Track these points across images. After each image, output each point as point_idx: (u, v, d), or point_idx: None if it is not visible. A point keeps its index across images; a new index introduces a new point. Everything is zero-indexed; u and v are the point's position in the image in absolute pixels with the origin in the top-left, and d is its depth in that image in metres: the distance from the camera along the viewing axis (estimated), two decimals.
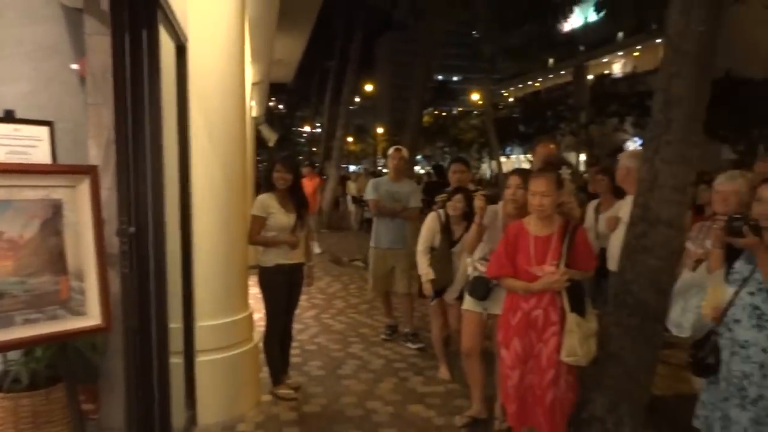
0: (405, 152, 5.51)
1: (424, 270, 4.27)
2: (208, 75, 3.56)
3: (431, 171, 15.57)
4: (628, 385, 3.39)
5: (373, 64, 67.86)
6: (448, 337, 5.15)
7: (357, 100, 43.09)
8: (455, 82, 75.93)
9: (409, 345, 5.22)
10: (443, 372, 4.47)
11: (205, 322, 3.56)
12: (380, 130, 51.67)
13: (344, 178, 18.10)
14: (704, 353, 2.67)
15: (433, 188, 6.13)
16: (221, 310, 3.66)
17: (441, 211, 4.39)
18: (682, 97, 3.16)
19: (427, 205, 5.38)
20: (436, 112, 43.66)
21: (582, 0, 13.77)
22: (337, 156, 17.43)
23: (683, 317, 2.76)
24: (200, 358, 3.52)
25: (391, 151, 5.56)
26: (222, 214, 3.65)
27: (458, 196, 4.28)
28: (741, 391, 2.53)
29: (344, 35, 19.09)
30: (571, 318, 2.77)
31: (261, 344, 4.06)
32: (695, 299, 2.71)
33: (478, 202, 3.47)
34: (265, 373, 4.10)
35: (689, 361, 2.78)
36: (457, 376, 4.28)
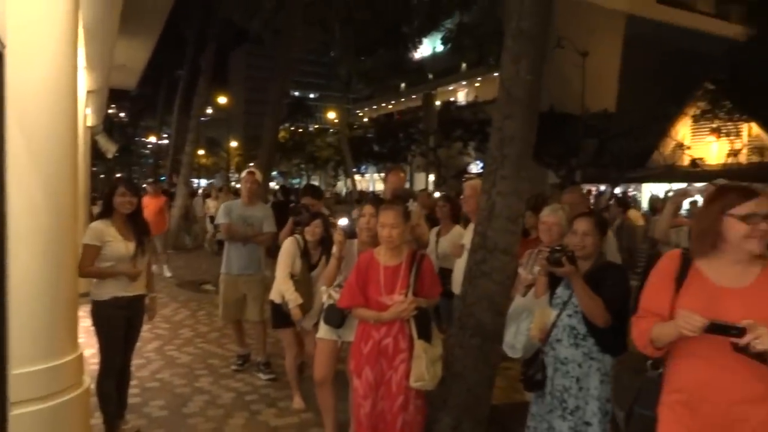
0: (258, 175, 5.39)
1: (292, 295, 4.18)
2: (31, 84, 3.15)
3: (278, 191, 15.28)
4: (471, 402, 3.63)
5: (228, 76, 65.62)
6: (302, 364, 5.08)
7: (209, 111, 41.30)
8: (312, 99, 76.41)
9: (261, 375, 5.05)
10: (297, 402, 4.40)
11: (22, 369, 3.09)
12: (234, 144, 50.05)
13: (206, 195, 17.05)
14: (533, 370, 2.96)
15: (280, 208, 6.08)
16: (43, 352, 3.21)
17: (299, 236, 4.35)
18: (515, 136, 3.52)
19: (278, 225, 5.28)
20: (292, 128, 43.49)
21: (430, 32, 14.73)
22: (186, 171, 16.49)
23: (516, 339, 3.04)
24: (16, 412, 3.05)
25: (243, 174, 5.40)
26: (44, 239, 3.21)
27: (317, 222, 4.28)
28: (562, 403, 2.84)
29: (196, 44, 18.23)
30: (419, 345, 2.90)
31: (93, 386, 3.65)
32: (526, 322, 3.00)
33: (337, 236, 3.51)
34: (98, 418, 3.69)
35: (521, 378, 3.07)
36: (312, 404, 4.24)
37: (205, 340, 6.23)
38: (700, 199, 4.30)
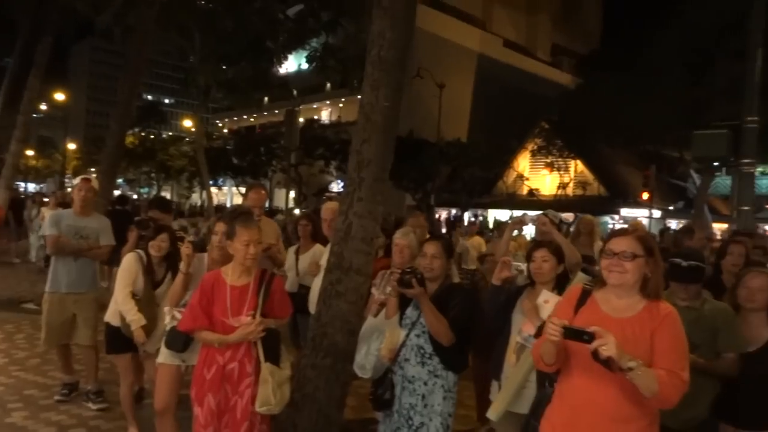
0: (95, 182, 4.87)
1: (135, 316, 3.80)
2: None
3: (115, 199, 13.86)
4: (321, 423, 3.60)
5: (68, 71, 59.26)
6: (141, 390, 4.65)
7: (44, 108, 36.81)
8: (167, 104, 71.88)
9: (91, 405, 4.53)
10: None
11: None
12: (73, 146, 45.16)
13: (41, 200, 14.85)
14: (382, 390, 3.03)
15: (117, 218, 5.60)
16: None
17: (142, 251, 4.01)
18: (371, 160, 3.61)
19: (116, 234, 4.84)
20: (143, 134, 40.38)
21: (296, 49, 14.71)
22: (10, 173, 14.43)
23: (366, 359, 3.08)
24: None
25: (77, 180, 4.86)
26: None
27: (162, 236, 3.98)
28: (408, 420, 2.93)
29: (30, 32, 16.19)
30: (266, 368, 2.80)
31: None
32: (376, 343, 3.06)
33: (185, 249, 3.27)
34: None
35: (370, 398, 3.11)
36: None
37: (23, 368, 5.44)
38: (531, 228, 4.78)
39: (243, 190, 28.07)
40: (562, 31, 46.29)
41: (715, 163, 16.35)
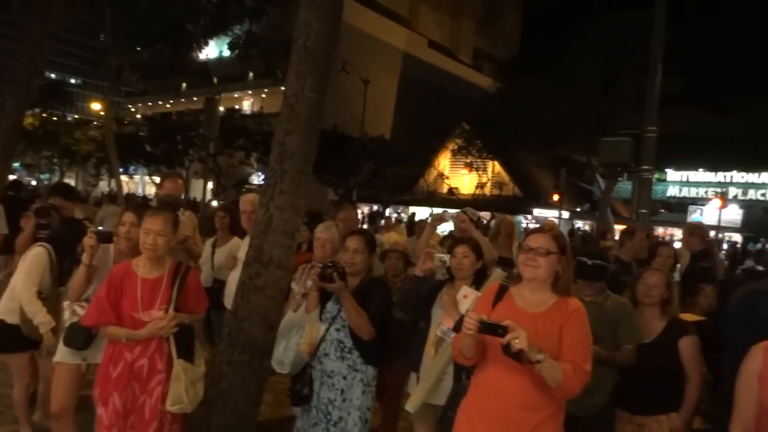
0: None
1: (44, 318, 3.47)
2: None
3: (9, 185, 12.70)
4: (237, 421, 3.49)
5: None
6: (35, 393, 4.30)
7: None
8: (73, 85, 66.99)
9: None
10: None
11: None
12: None
13: None
14: (300, 385, 2.99)
15: (11, 205, 5.17)
16: None
17: (49, 245, 3.66)
18: (295, 152, 3.54)
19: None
20: (44, 115, 37.30)
21: (217, 35, 14.16)
22: None
23: (285, 355, 3.03)
24: None
25: None
26: None
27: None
28: (327, 415, 2.92)
29: None
30: (178, 364, 2.68)
31: None
32: (295, 338, 3.02)
33: (88, 240, 3.04)
34: None
35: (288, 393, 3.06)
36: None
37: None
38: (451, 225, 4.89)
39: (157, 179, 26.77)
40: (484, 36, 47.85)
41: (618, 169, 17.55)
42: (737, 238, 29.53)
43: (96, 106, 36.31)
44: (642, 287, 3.16)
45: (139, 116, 42.00)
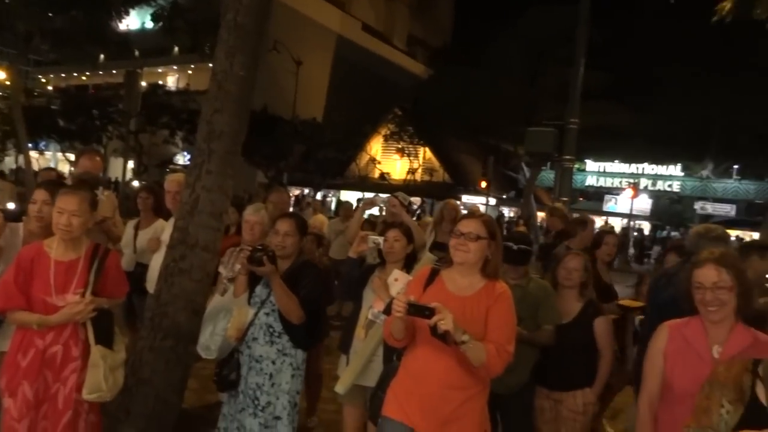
0: None
1: None
2: None
3: None
4: (159, 409, 3.37)
5: None
6: None
7: None
8: None
9: None
10: None
11: None
12: None
13: None
14: (227, 370, 2.92)
15: None
16: None
17: None
18: (223, 131, 3.42)
19: None
20: None
21: (139, 4, 13.36)
22: None
23: (211, 340, 2.95)
24: None
25: None
26: None
27: None
28: (254, 401, 2.88)
29: None
30: (96, 351, 2.53)
31: None
32: (223, 322, 2.94)
33: None
34: None
35: (215, 379, 2.99)
36: None
37: None
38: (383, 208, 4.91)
39: (72, 156, 25.04)
40: (418, 22, 48.06)
41: (543, 158, 18.31)
42: (646, 225, 31.73)
43: (0, 74, 33.32)
44: (563, 271, 3.33)
45: (50, 88, 39.04)
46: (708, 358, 2.08)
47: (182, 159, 28.73)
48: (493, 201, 27.72)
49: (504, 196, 30.94)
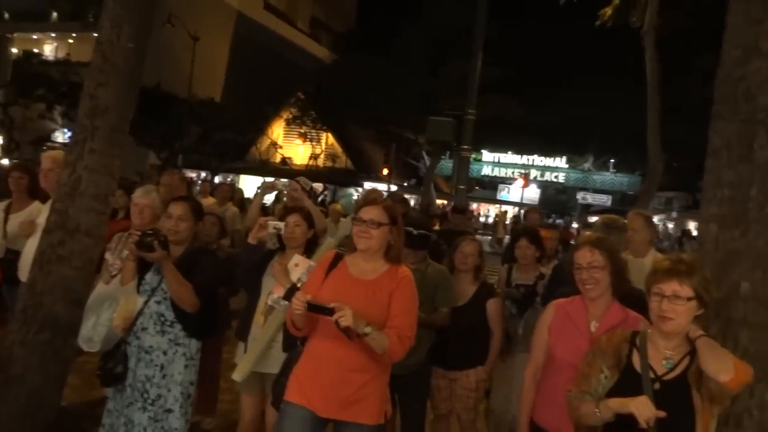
0: None
1: None
2: None
3: None
4: (32, 408, 3.09)
5: None
6: None
7: None
8: None
9: None
10: None
11: None
12: None
13: None
14: (113, 363, 2.73)
15: None
16: None
17: None
18: (109, 107, 3.16)
19: None
20: None
21: None
22: None
23: (95, 331, 2.73)
24: None
25: None
26: None
27: None
28: (144, 394, 2.71)
29: None
30: None
31: None
32: (108, 312, 2.73)
33: None
34: None
35: (98, 373, 2.78)
36: None
37: None
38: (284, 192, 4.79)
39: None
40: (321, 5, 47.38)
41: (442, 147, 18.91)
42: (508, 210, 33.94)
43: None
44: (459, 255, 3.47)
45: None
46: (586, 332, 2.29)
47: (62, 136, 26.26)
48: (394, 188, 28.20)
49: (405, 184, 31.62)
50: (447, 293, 3.30)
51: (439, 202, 24.81)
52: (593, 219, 30.79)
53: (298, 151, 30.73)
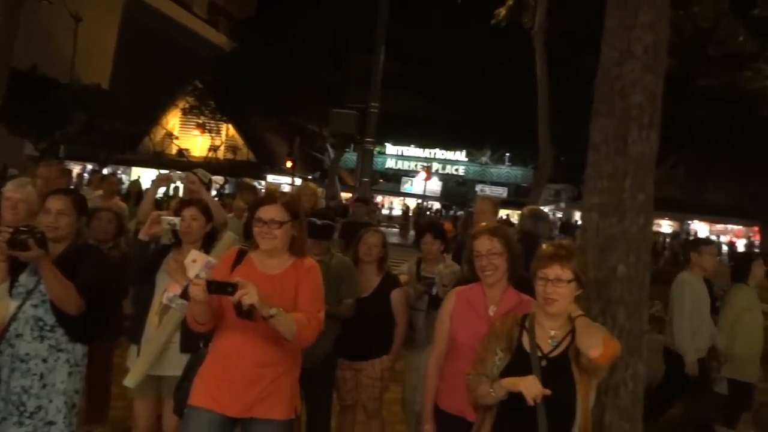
0: None
1: None
2: None
3: None
4: None
5: None
6: None
7: None
8: None
9: None
10: None
11: None
12: None
13: None
14: None
15: None
16: None
17: None
18: None
19: None
20: None
21: None
22: None
23: None
24: None
25: None
26: None
27: None
28: (20, 407, 2.46)
29: None
30: None
31: None
32: None
33: None
34: None
35: None
36: None
37: None
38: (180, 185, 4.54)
39: None
40: None
41: (346, 139, 18.92)
42: (437, 205, 35.10)
43: None
44: (363, 247, 3.49)
45: None
46: (485, 316, 2.40)
47: None
48: (299, 181, 27.87)
49: (309, 177, 31.32)
50: (351, 285, 3.31)
51: (344, 195, 24.85)
52: None
53: (196, 142, 29.36)
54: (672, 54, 3.14)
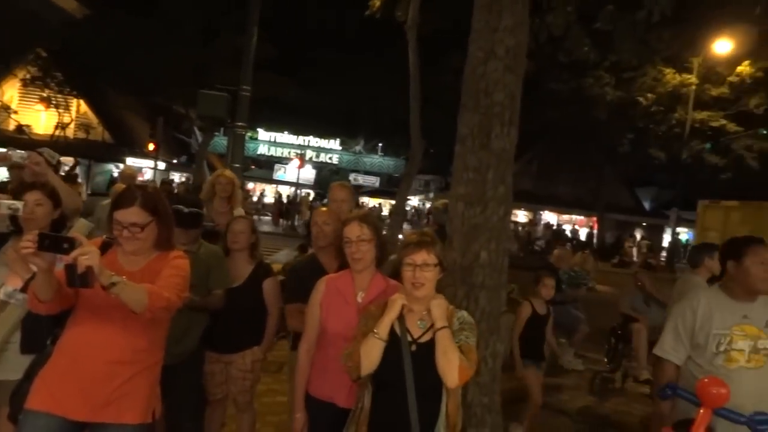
0: None
1: None
2: None
3: None
4: None
5: None
6: None
7: None
8: None
9: None
10: None
11: None
12: None
13: None
14: None
15: None
16: None
17: None
18: None
19: None
20: None
21: None
22: None
23: None
24: None
25: None
26: None
27: None
28: None
29: None
30: None
31: None
32: None
33: None
34: None
35: None
36: None
37: None
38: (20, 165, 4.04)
39: None
40: None
41: (215, 123, 18.02)
42: (311, 193, 34.97)
43: None
44: (230, 235, 3.37)
45: None
46: (354, 303, 2.45)
47: None
48: (162, 165, 26.08)
49: (175, 161, 29.44)
50: (220, 274, 3.19)
51: None
52: (364, 200, 33.04)
53: (39, 118, 26.15)
54: (529, 58, 3.42)
